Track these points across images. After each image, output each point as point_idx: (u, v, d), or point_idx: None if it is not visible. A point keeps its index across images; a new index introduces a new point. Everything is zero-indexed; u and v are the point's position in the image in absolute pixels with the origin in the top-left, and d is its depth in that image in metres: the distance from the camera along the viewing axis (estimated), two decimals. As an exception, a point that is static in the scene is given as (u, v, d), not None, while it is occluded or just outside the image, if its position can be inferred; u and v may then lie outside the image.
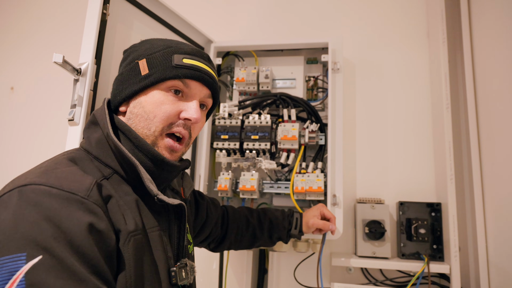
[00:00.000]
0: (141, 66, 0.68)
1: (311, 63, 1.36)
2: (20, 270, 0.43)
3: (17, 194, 0.49)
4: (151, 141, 0.66)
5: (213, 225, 0.98)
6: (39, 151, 1.69)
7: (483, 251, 1.13)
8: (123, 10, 0.97)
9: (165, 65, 0.67)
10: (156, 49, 0.69)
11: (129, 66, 0.70)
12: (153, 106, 0.66)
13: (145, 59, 0.68)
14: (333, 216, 1.06)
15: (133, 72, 0.69)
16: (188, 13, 1.20)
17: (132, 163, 0.62)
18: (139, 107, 0.67)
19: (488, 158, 1.16)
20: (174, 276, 0.64)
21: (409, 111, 1.40)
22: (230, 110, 1.29)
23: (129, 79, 0.69)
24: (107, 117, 0.65)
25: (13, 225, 0.46)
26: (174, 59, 0.68)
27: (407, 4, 1.48)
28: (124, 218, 0.59)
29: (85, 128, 0.69)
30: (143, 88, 0.67)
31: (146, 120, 0.66)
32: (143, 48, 0.71)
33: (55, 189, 0.51)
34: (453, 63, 1.35)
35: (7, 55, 1.86)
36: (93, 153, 0.64)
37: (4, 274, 0.43)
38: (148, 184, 0.62)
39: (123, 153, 0.62)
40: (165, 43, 0.71)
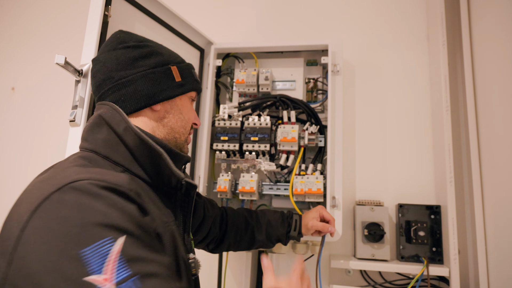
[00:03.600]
0: (174, 72, 0.76)
1: (311, 65, 1.36)
2: (112, 250, 0.47)
3: (71, 190, 0.51)
4: (185, 138, 0.79)
5: (210, 224, 0.98)
6: (39, 151, 1.69)
7: (483, 254, 1.13)
8: (125, 11, 0.97)
9: (192, 78, 0.80)
10: (178, 59, 0.79)
11: (160, 68, 0.74)
12: (187, 110, 0.79)
13: (176, 67, 0.76)
14: (332, 218, 1.06)
15: (167, 76, 0.74)
16: (188, 15, 1.21)
17: (156, 152, 0.66)
18: (176, 109, 0.76)
19: (488, 161, 1.16)
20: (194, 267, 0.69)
21: (408, 113, 1.40)
22: (230, 111, 1.30)
23: (164, 82, 0.74)
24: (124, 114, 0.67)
25: (83, 216, 0.49)
26: (194, 74, 0.81)
27: (407, 6, 1.49)
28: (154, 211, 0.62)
29: (86, 130, 0.68)
30: (181, 93, 0.77)
31: (183, 121, 0.77)
32: (166, 53, 0.77)
33: (103, 182, 0.54)
34: (453, 66, 1.35)
35: (8, 55, 1.87)
36: (102, 153, 0.64)
37: (99, 258, 0.46)
38: (175, 169, 0.67)
39: (147, 142, 0.65)
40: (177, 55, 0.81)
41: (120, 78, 0.70)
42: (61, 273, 0.45)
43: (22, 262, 0.48)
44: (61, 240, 0.47)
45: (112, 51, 0.73)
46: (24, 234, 0.49)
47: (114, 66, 0.71)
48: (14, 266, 0.48)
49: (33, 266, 0.47)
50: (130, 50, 0.72)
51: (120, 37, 0.75)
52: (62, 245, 0.47)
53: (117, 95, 0.69)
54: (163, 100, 0.73)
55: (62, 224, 0.48)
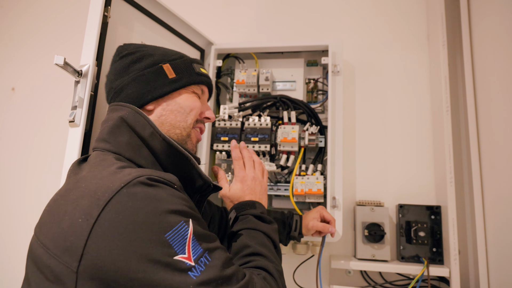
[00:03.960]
0: (167, 70, 0.75)
1: (311, 65, 1.36)
2: (188, 231, 0.55)
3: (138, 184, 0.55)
4: (187, 132, 0.77)
5: (208, 222, 0.98)
6: (39, 152, 1.69)
7: (483, 254, 1.13)
8: (124, 12, 0.97)
9: (190, 72, 0.78)
10: (173, 56, 0.78)
11: (151, 68, 0.75)
12: (188, 102, 0.77)
13: (168, 64, 0.76)
14: (332, 219, 1.06)
15: (158, 75, 0.75)
16: (189, 15, 1.21)
17: (184, 157, 0.68)
18: (174, 104, 0.75)
19: (488, 161, 1.16)
20: None
21: (409, 114, 1.40)
22: (230, 112, 1.30)
23: (156, 81, 0.74)
24: (149, 118, 0.69)
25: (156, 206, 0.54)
26: (195, 67, 0.79)
27: (407, 7, 1.49)
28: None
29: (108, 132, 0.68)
30: (175, 89, 0.76)
31: (183, 114, 0.76)
32: (158, 53, 0.77)
33: (161, 178, 0.58)
34: (453, 66, 1.35)
35: (8, 56, 1.86)
36: (126, 155, 0.66)
37: (180, 239, 0.53)
38: (204, 174, 0.70)
39: (176, 148, 0.68)
40: (177, 53, 0.80)
41: (117, 87, 0.74)
42: (149, 257, 0.50)
43: (98, 255, 0.50)
44: (142, 228, 0.51)
45: (113, 64, 0.78)
46: (95, 229, 0.51)
47: (113, 77, 0.76)
48: (87, 260, 0.50)
49: (114, 256, 0.50)
50: (124, 59, 0.76)
51: (118, 49, 0.80)
52: (144, 233, 0.51)
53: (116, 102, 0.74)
54: (154, 99, 0.74)
55: (138, 214, 0.52)
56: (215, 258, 0.56)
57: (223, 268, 0.55)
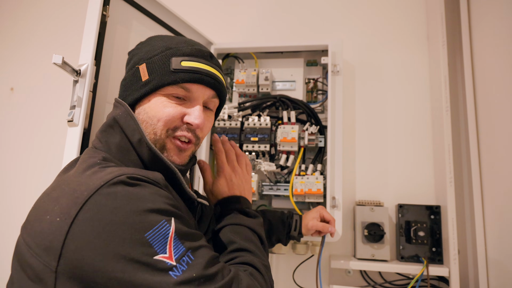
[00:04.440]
0: (141, 71, 0.69)
1: (311, 65, 1.36)
2: (170, 231, 0.53)
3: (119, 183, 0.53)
4: (160, 145, 0.68)
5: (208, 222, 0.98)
6: (39, 152, 1.69)
7: (482, 254, 1.13)
8: (123, 11, 0.97)
9: (163, 70, 0.67)
10: (155, 51, 0.69)
11: (131, 71, 0.71)
12: (155, 110, 0.67)
13: (144, 64, 0.69)
14: (332, 219, 1.06)
15: (134, 78, 0.70)
16: (188, 15, 1.20)
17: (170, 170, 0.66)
18: (143, 113, 0.68)
19: (488, 161, 1.16)
20: None
21: (408, 114, 1.40)
22: (229, 112, 1.29)
23: (132, 85, 0.70)
24: (139, 123, 0.66)
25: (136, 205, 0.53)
26: (172, 63, 0.67)
27: (407, 7, 1.49)
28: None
29: (100, 130, 0.68)
30: (144, 95, 0.68)
31: (151, 125, 0.67)
32: (144, 50, 0.71)
33: (144, 177, 0.57)
34: (453, 66, 1.35)
35: (7, 56, 1.86)
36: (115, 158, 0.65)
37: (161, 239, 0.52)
38: (189, 191, 0.69)
39: (162, 160, 0.65)
40: (164, 44, 0.70)
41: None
42: (128, 257, 0.50)
43: (76, 255, 0.49)
44: (121, 228, 0.50)
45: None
46: (73, 228, 0.50)
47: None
48: (66, 259, 0.49)
49: (92, 256, 0.49)
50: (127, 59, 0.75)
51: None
52: (124, 232, 0.50)
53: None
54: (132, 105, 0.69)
55: (117, 214, 0.51)
56: (199, 257, 0.55)
57: (206, 267, 0.54)
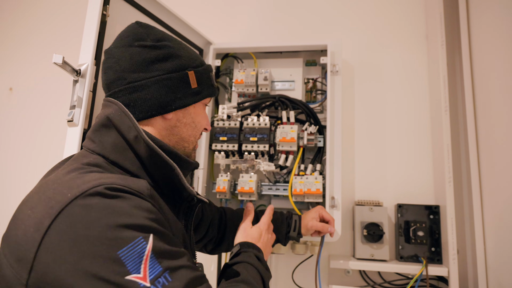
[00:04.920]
0: (191, 78, 0.71)
1: (310, 65, 1.36)
2: (146, 249, 0.50)
3: (95, 195, 0.51)
4: (193, 146, 0.76)
5: (208, 224, 0.98)
6: (39, 152, 1.69)
7: (481, 253, 1.13)
8: (123, 11, 0.97)
9: (208, 83, 0.75)
10: (197, 62, 0.74)
11: (177, 73, 0.69)
12: (200, 117, 0.75)
13: (193, 72, 0.71)
14: (332, 219, 1.06)
15: (183, 83, 0.70)
16: (187, 15, 1.20)
17: (169, 166, 0.65)
18: (189, 117, 0.73)
19: (487, 161, 1.16)
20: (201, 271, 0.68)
21: (407, 114, 1.41)
22: (229, 112, 1.29)
23: (180, 89, 0.69)
24: (134, 120, 0.64)
25: (112, 219, 0.50)
26: (212, 78, 0.77)
27: (406, 6, 1.49)
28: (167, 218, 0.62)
29: (93, 130, 0.65)
30: (196, 101, 0.73)
31: (194, 129, 0.74)
32: (185, 55, 0.72)
33: (125, 187, 0.54)
34: (452, 66, 1.36)
35: (6, 56, 1.86)
36: (110, 157, 0.62)
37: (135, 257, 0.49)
38: (188, 186, 0.67)
39: (160, 156, 0.64)
40: (198, 57, 0.76)
41: (133, 81, 0.66)
42: (98, 275, 0.47)
43: (47, 269, 0.47)
44: (93, 244, 0.48)
45: (127, 48, 0.68)
46: (45, 240, 0.48)
47: (128, 66, 0.66)
48: (37, 272, 0.47)
49: (62, 271, 0.47)
50: (147, 51, 0.67)
51: (137, 32, 0.69)
52: (96, 248, 0.48)
53: (128, 98, 0.66)
54: (177, 109, 0.69)
55: (91, 228, 0.48)
56: (177, 279, 0.50)
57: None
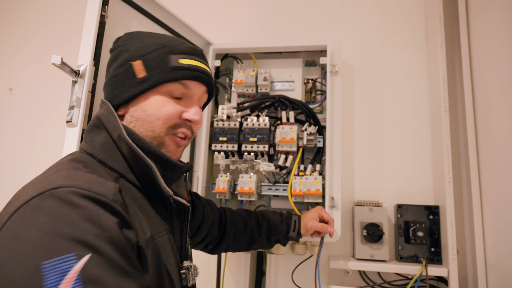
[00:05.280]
0: (136, 68, 0.66)
1: (310, 65, 1.36)
2: (72, 269, 0.44)
3: (50, 197, 0.49)
4: (158, 142, 0.67)
5: (209, 225, 0.98)
6: (38, 152, 1.69)
7: (481, 254, 1.13)
8: (122, 12, 0.97)
9: (162, 67, 0.66)
10: (150, 48, 0.68)
11: (122, 67, 0.68)
12: (154, 109, 0.66)
13: (140, 61, 0.67)
14: (331, 219, 1.06)
15: (128, 75, 0.67)
16: (187, 15, 1.20)
17: (147, 165, 0.62)
18: (140, 111, 0.66)
19: (486, 161, 1.16)
20: (184, 278, 0.66)
21: (407, 114, 1.40)
22: (228, 112, 1.29)
23: (125, 82, 0.67)
24: (118, 120, 0.64)
25: (55, 227, 0.47)
26: (171, 60, 0.67)
27: (405, 7, 1.49)
28: (141, 224, 0.59)
29: (86, 131, 0.67)
30: (142, 91, 0.66)
31: (149, 123, 0.66)
32: (135, 47, 0.69)
33: (86, 191, 0.51)
34: (451, 66, 1.36)
35: (6, 56, 1.86)
36: (98, 157, 0.63)
37: (58, 274, 0.43)
38: (164, 185, 0.63)
39: (138, 155, 0.62)
40: (158, 42, 0.69)
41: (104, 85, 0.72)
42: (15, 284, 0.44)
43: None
44: (27, 248, 0.45)
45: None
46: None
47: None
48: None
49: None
50: (110, 55, 0.73)
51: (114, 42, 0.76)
52: (25, 253, 0.45)
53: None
54: (122, 104, 0.67)
55: (32, 232, 0.46)
56: None
57: None
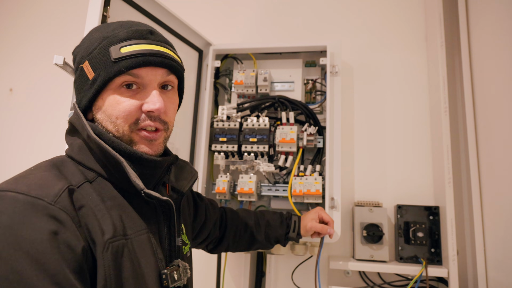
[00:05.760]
0: (86, 70, 0.64)
1: (310, 66, 1.37)
2: None
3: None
4: (127, 141, 0.65)
5: (211, 226, 0.98)
6: (38, 153, 1.69)
7: (481, 254, 1.13)
8: (123, 12, 0.97)
9: (105, 63, 0.62)
10: (94, 45, 0.64)
11: (77, 72, 0.67)
12: (112, 108, 0.63)
13: (87, 61, 0.64)
14: (331, 220, 1.06)
15: (82, 79, 0.65)
16: (187, 16, 1.21)
17: (116, 160, 0.60)
18: (101, 113, 0.65)
19: (486, 162, 1.16)
20: (165, 279, 0.63)
21: (407, 115, 1.41)
22: (228, 112, 1.30)
23: (82, 87, 0.66)
24: (84, 120, 0.63)
25: None
26: (112, 52, 0.62)
27: (405, 8, 1.49)
28: (100, 225, 0.57)
29: (65, 135, 0.69)
30: (95, 93, 0.64)
31: (112, 123, 0.64)
32: (83, 47, 0.66)
33: (22, 195, 0.50)
34: (451, 67, 1.36)
35: (6, 56, 1.86)
36: (76, 158, 0.64)
37: None
38: (134, 179, 0.60)
39: (107, 151, 0.60)
40: (101, 35, 0.65)
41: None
42: None
43: None
44: None
45: None
46: None
47: None
48: None
49: None
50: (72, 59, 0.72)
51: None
52: None
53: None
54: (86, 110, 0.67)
55: None
56: None
57: None
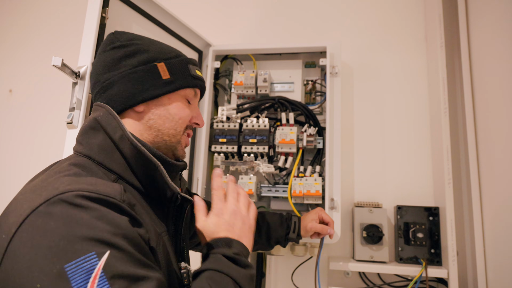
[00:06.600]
0: (161, 69, 0.71)
1: (309, 67, 1.36)
2: (96, 267, 0.46)
3: (59, 202, 0.49)
4: (176, 140, 0.73)
5: None
6: (38, 154, 1.69)
7: (481, 255, 1.13)
8: (122, 13, 0.97)
9: (184, 74, 0.73)
10: (170, 54, 0.73)
11: (144, 66, 0.70)
12: (177, 109, 0.72)
13: (163, 63, 0.71)
14: (331, 220, 1.06)
15: (152, 74, 0.70)
16: (187, 16, 1.21)
17: (152, 164, 0.64)
18: (163, 109, 0.71)
19: (486, 162, 1.16)
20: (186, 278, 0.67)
21: (407, 115, 1.41)
22: (228, 113, 1.30)
23: (149, 81, 0.69)
24: (120, 120, 0.65)
25: (69, 230, 0.48)
26: (190, 69, 0.75)
27: (405, 8, 1.49)
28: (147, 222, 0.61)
29: (81, 133, 0.67)
30: (167, 92, 0.71)
31: (172, 122, 0.72)
32: (154, 49, 0.72)
33: (94, 193, 0.52)
34: (451, 67, 1.36)
35: (6, 57, 1.86)
36: (96, 158, 0.63)
37: (83, 274, 0.45)
38: (172, 184, 0.65)
39: (144, 155, 0.63)
40: (172, 50, 0.76)
41: (105, 81, 0.69)
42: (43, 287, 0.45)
43: (7, 276, 0.47)
44: (45, 254, 0.46)
45: (102, 54, 0.72)
46: (10, 248, 0.48)
47: (101, 68, 0.71)
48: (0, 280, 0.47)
49: (15, 281, 0.46)
50: (115, 51, 0.71)
51: (110, 38, 0.74)
52: (46, 259, 0.46)
53: (103, 97, 0.69)
54: (145, 100, 0.69)
55: (47, 237, 0.47)
56: None
57: None
